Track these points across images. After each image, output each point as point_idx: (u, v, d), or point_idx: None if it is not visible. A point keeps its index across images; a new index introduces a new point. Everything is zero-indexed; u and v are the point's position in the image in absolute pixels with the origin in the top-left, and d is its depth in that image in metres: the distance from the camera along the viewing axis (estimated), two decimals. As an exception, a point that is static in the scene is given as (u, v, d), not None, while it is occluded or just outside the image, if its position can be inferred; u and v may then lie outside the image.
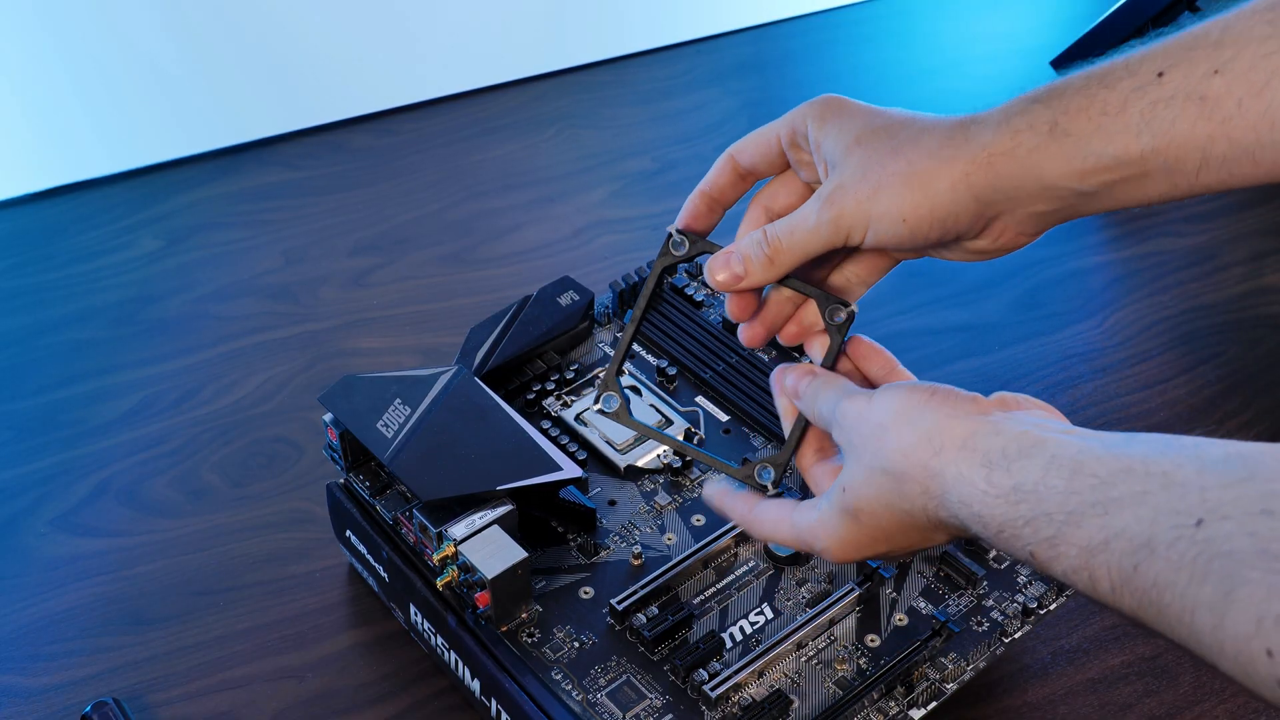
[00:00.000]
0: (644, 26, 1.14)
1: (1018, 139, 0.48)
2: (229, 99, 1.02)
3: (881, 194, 0.49)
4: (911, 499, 0.46)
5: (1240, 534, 0.35)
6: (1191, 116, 0.45)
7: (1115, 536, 0.39)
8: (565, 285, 0.73)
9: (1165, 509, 0.38)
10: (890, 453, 0.46)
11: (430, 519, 0.59)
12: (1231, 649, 0.35)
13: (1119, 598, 0.39)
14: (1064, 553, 0.41)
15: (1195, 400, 0.81)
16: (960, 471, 0.44)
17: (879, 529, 0.48)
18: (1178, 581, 0.36)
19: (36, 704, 0.64)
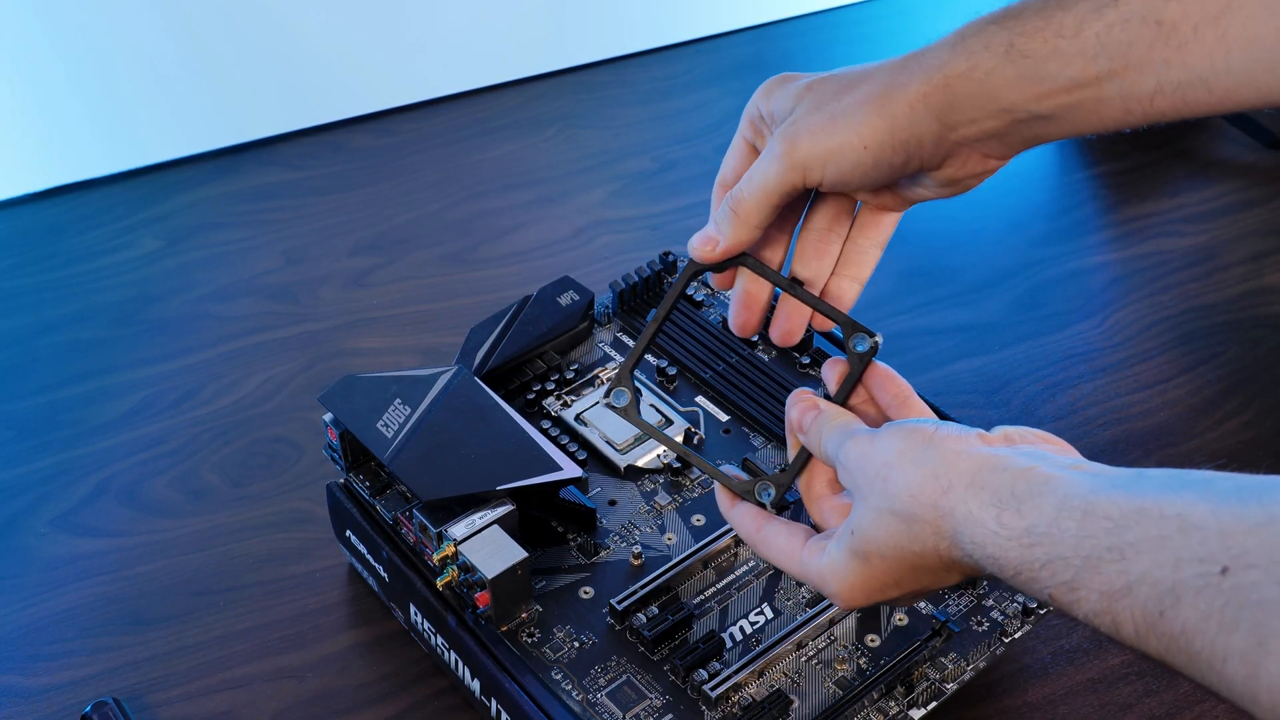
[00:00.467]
0: (644, 26, 1.14)
1: (974, 60, 0.48)
2: (229, 99, 1.02)
3: (838, 123, 0.49)
4: (923, 540, 0.45)
5: (1269, 583, 0.35)
6: (1147, 40, 0.45)
7: (1137, 582, 0.38)
8: (565, 285, 0.73)
9: (1187, 555, 0.37)
10: (898, 494, 0.45)
11: (430, 519, 0.59)
12: (1268, 700, 0.35)
13: (1144, 641, 0.38)
14: (1084, 597, 0.40)
15: (1195, 400, 0.81)
16: (970, 511, 0.43)
17: (890, 572, 0.46)
18: (1207, 630, 0.36)
19: (36, 704, 0.64)
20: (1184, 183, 1.00)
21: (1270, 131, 1.01)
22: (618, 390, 0.56)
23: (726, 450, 0.68)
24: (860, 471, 0.47)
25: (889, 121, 0.48)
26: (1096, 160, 1.02)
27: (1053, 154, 1.04)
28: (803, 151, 0.49)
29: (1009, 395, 0.81)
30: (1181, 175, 1.00)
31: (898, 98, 0.48)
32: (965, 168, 0.50)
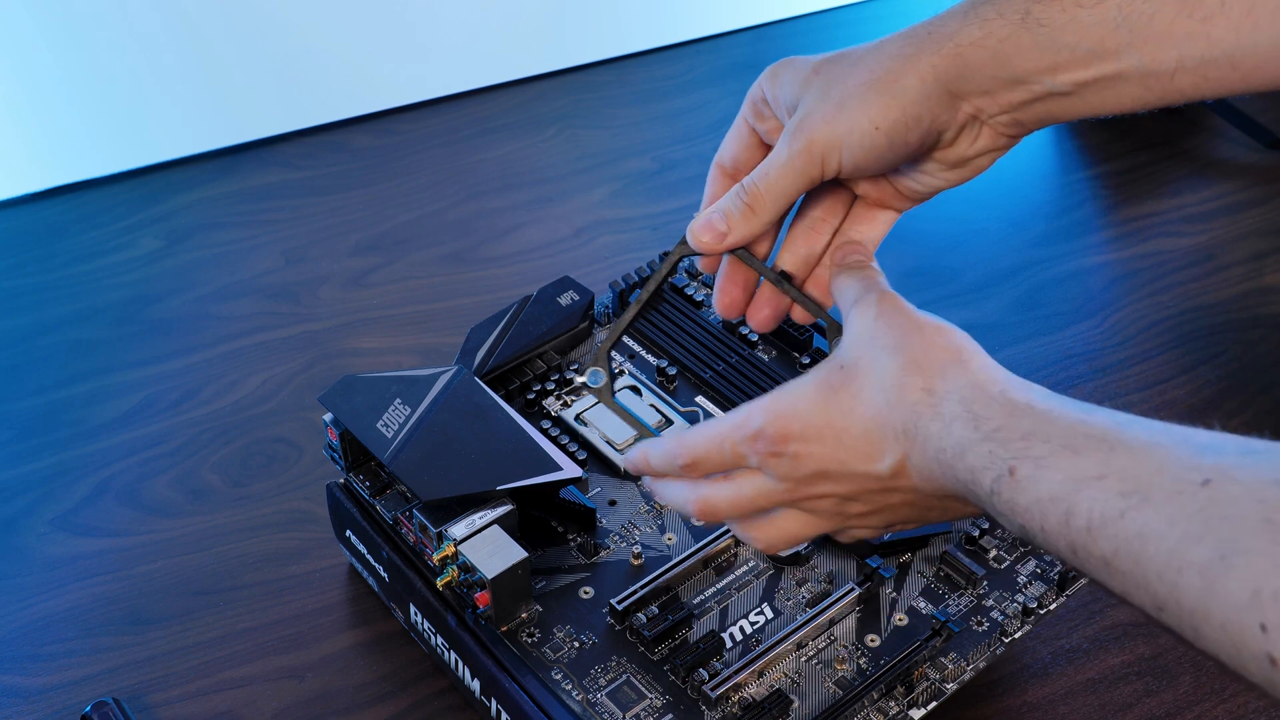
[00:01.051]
0: (644, 26, 1.14)
1: (987, 28, 0.46)
2: (229, 99, 1.02)
3: (847, 106, 0.48)
4: (907, 390, 0.44)
5: (1248, 499, 0.34)
6: (1171, 12, 0.44)
7: (1111, 474, 0.37)
8: (565, 285, 0.73)
9: (1173, 462, 0.36)
10: (915, 345, 0.44)
11: (430, 519, 0.59)
12: (1219, 617, 0.33)
13: (1092, 539, 0.37)
14: (1048, 476, 0.39)
15: (1195, 400, 0.81)
16: (975, 380, 0.43)
17: (850, 418, 0.45)
18: (1168, 535, 0.35)
19: (36, 704, 0.64)
20: (1184, 183, 1.00)
21: (1270, 131, 1.01)
22: (593, 370, 0.56)
23: (726, 450, 0.68)
24: (894, 314, 0.46)
25: (899, 99, 0.47)
26: (1096, 160, 1.02)
27: (1053, 154, 1.04)
28: (820, 146, 0.48)
29: (1009, 395, 0.81)
30: (1181, 175, 1.00)
31: (908, 72, 0.47)
32: (976, 144, 0.49)
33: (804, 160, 0.49)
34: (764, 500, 0.49)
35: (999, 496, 0.40)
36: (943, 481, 0.43)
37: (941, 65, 0.47)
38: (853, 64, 0.48)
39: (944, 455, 0.42)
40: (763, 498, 0.49)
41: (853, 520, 0.48)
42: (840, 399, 0.45)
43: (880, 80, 0.47)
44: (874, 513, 0.48)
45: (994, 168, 0.53)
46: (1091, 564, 0.38)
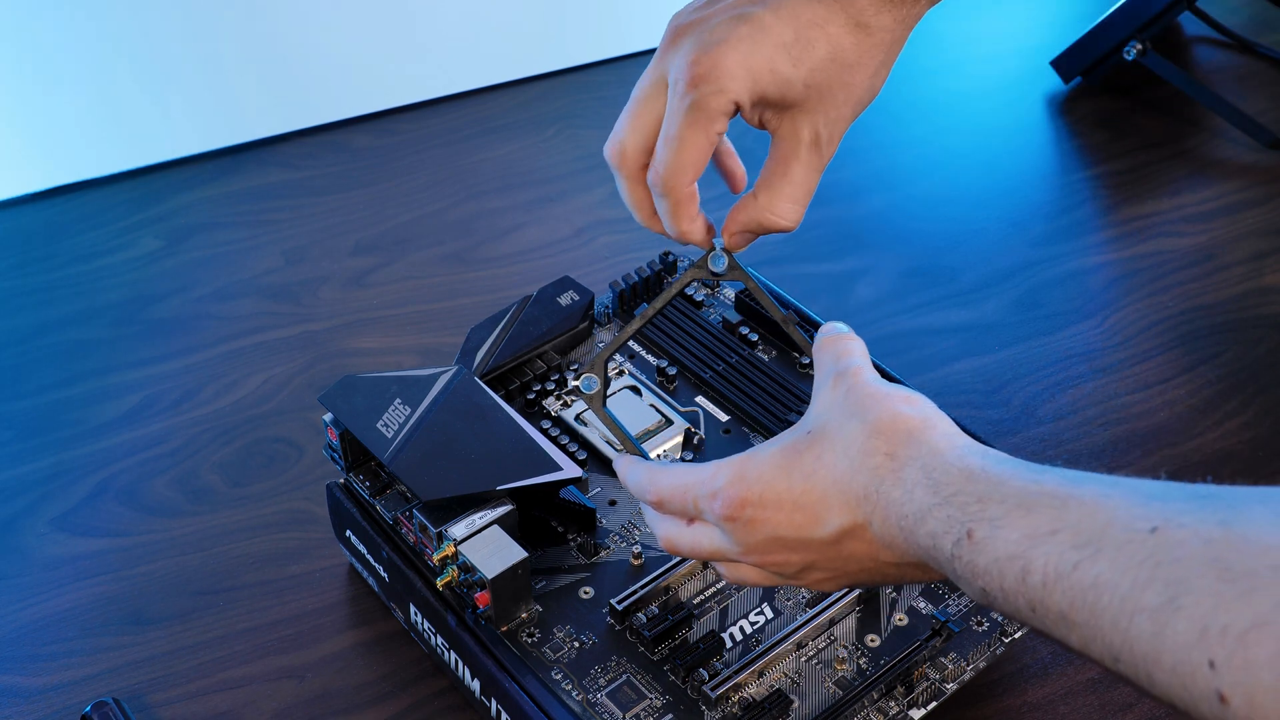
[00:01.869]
0: (644, 26, 1.14)
1: None
2: (229, 99, 1.02)
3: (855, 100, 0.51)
4: (871, 455, 0.45)
5: (1194, 541, 0.35)
6: None
7: (1064, 528, 0.38)
8: (565, 285, 0.73)
9: (1123, 512, 0.37)
10: (881, 414, 0.46)
11: (430, 519, 0.59)
12: (1170, 659, 0.34)
13: (1048, 594, 0.38)
14: (1004, 536, 0.40)
15: (1195, 400, 0.81)
16: (936, 446, 0.44)
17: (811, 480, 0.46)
18: (1120, 584, 0.36)
19: (36, 704, 0.64)
20: (1184, 183, 1.00)
21: (1270, 131, 1.01)
22: (587, 377, 0.56)
23: (726, 450, 0.68)
24: (865, 386, 0.47)
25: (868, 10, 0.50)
26: (1096, 160, 1.02)
27: (1053, 154, 1.04)
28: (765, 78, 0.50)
29: (1009, 395, 0.81)
30: (1181, 175, 1.00)
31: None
32: None
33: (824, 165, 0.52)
34: (720, 556, 0.51)
35: (959, 560, 0.42)
36: (905, 547, 0.44)
37: None
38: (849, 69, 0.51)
39: (905, 520, 0.44)
40: (719, 554, 0.50)
41: (819, 584, 0.50)
42: (803, 461, 0.47)
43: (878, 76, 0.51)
44: (833, 577, 0.49)
45: (994, 168, 0.54)
46: (1050, 620, 0.39)
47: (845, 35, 0.50)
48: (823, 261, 0.91)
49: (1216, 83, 1.09)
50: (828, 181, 0.99)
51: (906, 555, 0.45)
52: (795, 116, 0.51)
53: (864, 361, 0.50)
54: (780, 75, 0.49)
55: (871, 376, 0.49)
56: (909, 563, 0.45)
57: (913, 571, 0.47)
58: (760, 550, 0.49)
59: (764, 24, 0.49)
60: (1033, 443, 0.78)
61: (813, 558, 0.48)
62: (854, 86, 0.51)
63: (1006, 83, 1.11)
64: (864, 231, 0.95)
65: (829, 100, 0.51)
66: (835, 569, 0.48)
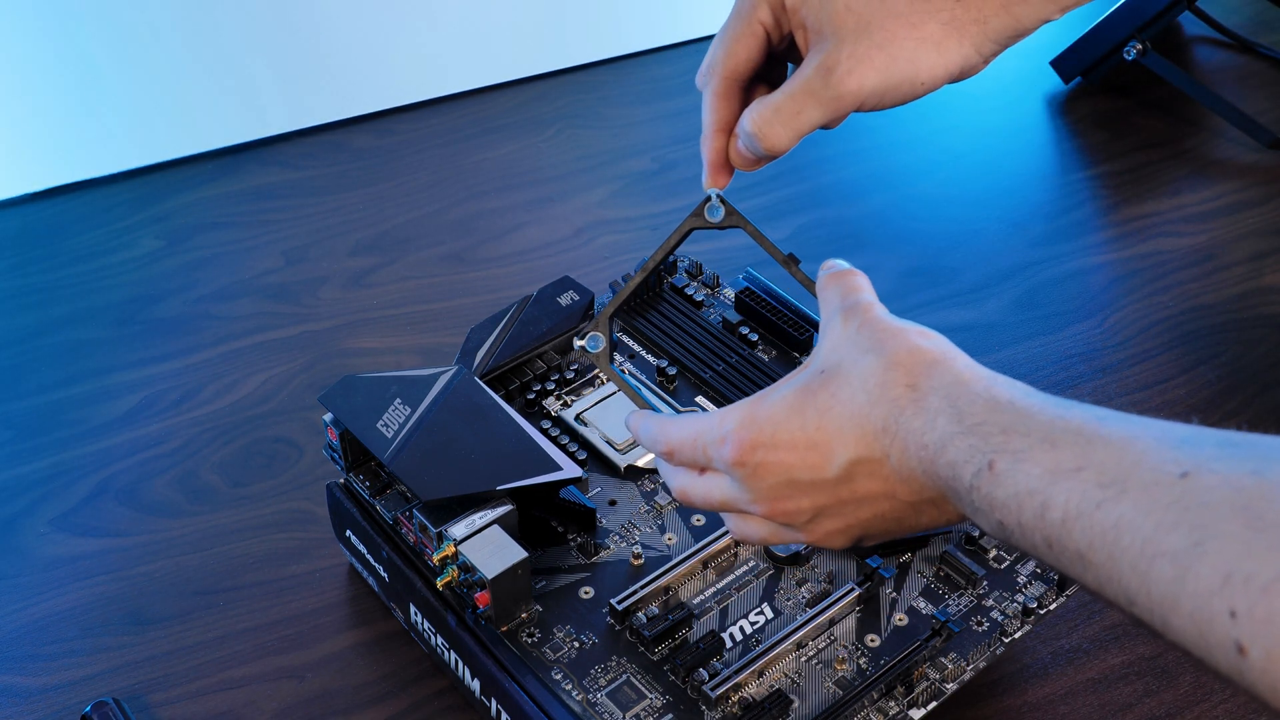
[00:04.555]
0: (644, 26, 1.14)
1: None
2: (229, 99, 1.02)
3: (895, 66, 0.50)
4: (891, 386, 0.44)
5: (1224, 487, 0.34)
6: None
7: (1089, 466, 0.37)
8: (565, 285, 0.73)
9: (1152, 454, 0.36)
10: (899, 348, 0.45)
11: (430, 519, 0.59)
12: (1189, 605, 0.33)
13: (1067, 531, 0.37)
14: (1026, 470, 0.39)
15: (1195, 400, 0.81)
16: (960, 377, 0.43)
17: (825, 416, 0.45)
18: (1143, 526, 0.35)
19: (36, 704, 0.64)
20: (1184, 183, 1.00)
21: (1270, 131, 1.01)
22: (592, 336, 0.55)
23: (726, 450, 0.68)
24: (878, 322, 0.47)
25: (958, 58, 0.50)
26: (1096, 160, 1.02)
27: (1053, 154, 1.04)
28: (858, 100, 0.50)
29: (1009, 395, 0.81)
30: (1181, 175, 1.00)
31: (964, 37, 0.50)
32: None
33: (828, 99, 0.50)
34: (731, 506, 0.49)
35: (978, 491, 0.41)
36: (923, 479, 0.43)
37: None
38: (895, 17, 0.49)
39: (925, 451, 0.42)
40: (730, 503, 0.49)
41: (829, 536, 0.48)
42: (817, 400, 0.46)
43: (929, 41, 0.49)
44: (844, 527, 0.47)
45: (994, 168, 0.54)
46: (1066, 558, 0.38)
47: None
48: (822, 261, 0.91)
49: (1216, 83, 1.09)
50: (828, 181, 1.00)
51: (924, 490, 0.44)
52: (825, 39, 0.50)
53: (872, 297, 0.49)
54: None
55: (882, 312, 0.47)
56: (925, 499, 0.44)
57: (929, 511, 0.45)
58: (770, 496, 0.47)
59: None
60: (1033, 443, 0.78)
61: (824, 501, 0.46)
62: (895, 38, 0.49)
63: (1006, 83, 1.11)
64: (864, 231, 0.95)
65: (862, 35, 0.49)
66: (847, 515, 0.47)
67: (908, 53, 0.49)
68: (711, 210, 0.54)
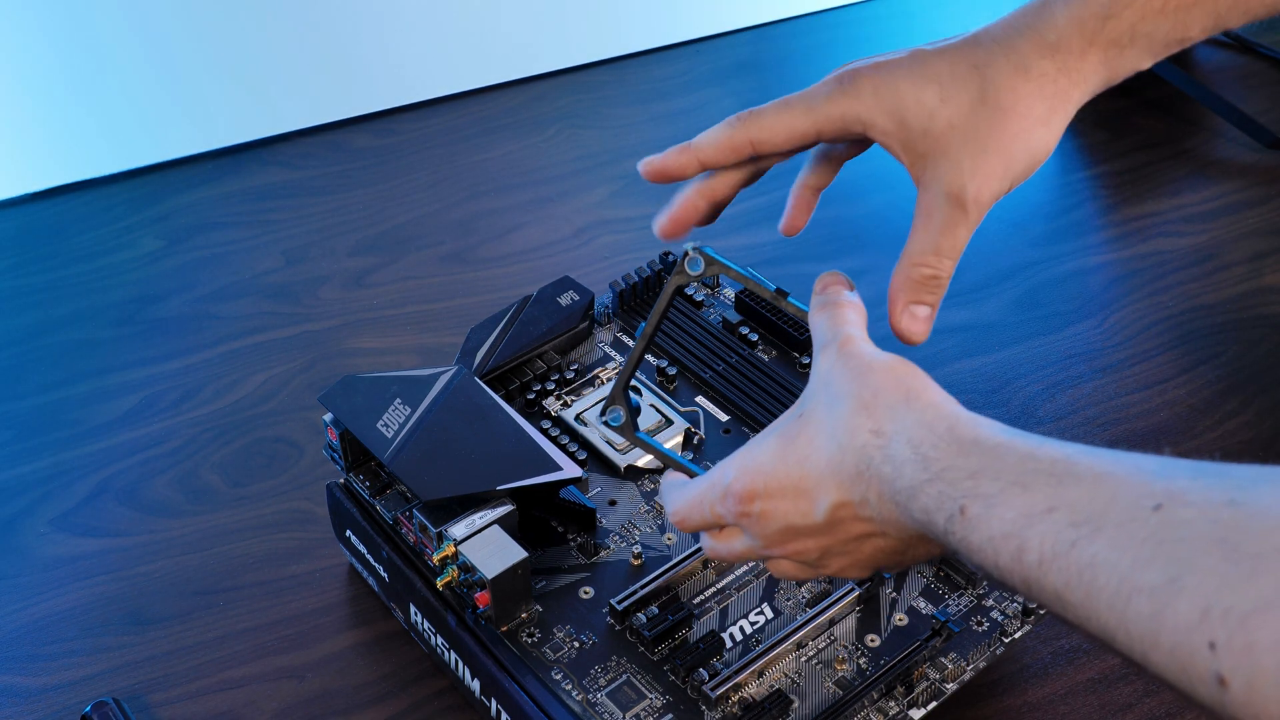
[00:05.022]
0: (644, 26, 1.14)
1: (1105, 56, 0.50)
2: (230, 99, 1.02)
3: (1013, 167, 0.50)
4: (857, 433, 0.44)
5: (1201, 520, 0.34)
6: None
7: (1061, 506, 0.37)
8: (565, 285, 0.73)
9: (1125, 489, 0.36)
10: (865, 388, 0.45)
11: (430, 519, 0.59)
12: (1169, 640, 0.33)
13: (1044, 573, 0.37)
14: (999, 515, 0.39)
15: (1195, 400, 0.81)
16: (923, 419, 0.43)
17: (805, 465, 0.46)
18: (1120, 563, 0.35)
19: (36, 704, 0.64)
20: (1184, 183, 1.00)
21: (1270, 131, 1.01)
22: (612, 411, 0.57)
23: (726, 450, 0.68)
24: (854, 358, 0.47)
25: (1065, 121, 0.51)
26: (1096, 160, 1.02)
27: (1053, 154, 1.04)
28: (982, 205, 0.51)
29: (1009, 395, 0.81)
30: (1181, 175, 1.00)
31: (1061, 109, 0.50)
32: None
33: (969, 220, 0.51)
34: (752, 555, 0.50)
35: (953, 535, 0.41)
36: (903, 522, 0.44)
37: (1094, 80, 0.50)
38: (1003, 113, 0.49)
39: (898, 497, 0.43)
40: (750, 553, 0.50)
41: (845, 570, 0.49)
42: (797, 447, 0.47)
43: (1039, 121, 0.50)
44: (853, 563, 0.48)
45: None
46: (1045, 598, 0.38)
47: (1003, 77, 0.49)
48: (823, 261, 0.91)
49: (1216, 83, 1.09)
50: (828, 181, 0.99)
51: (905, 530, 0.44)
52: (938, 163, 0.49)
53: (856, 329, 0.49)
54: (924, 105, 0.48)
55: (861, 346, 0.47)
56: (913, 536, 0.44)
57: (920, 546, 0.46)
58: (777, 541, 0.48)
59: (924, 58, 0.49)
60: (1033, 443, 0.78)
61: (824, 542, 0.47)
62: (1006, 134, 0.49)
63: (1006, 83, 1.11)
64: (864, 231, 0.95)
65: (975, 146, 0.49)
66: (850, 553, 0.47)
67: (1021, 143, 0.49)
68: (691, 264, 0.55)
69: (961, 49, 0.49)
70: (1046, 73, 0.49)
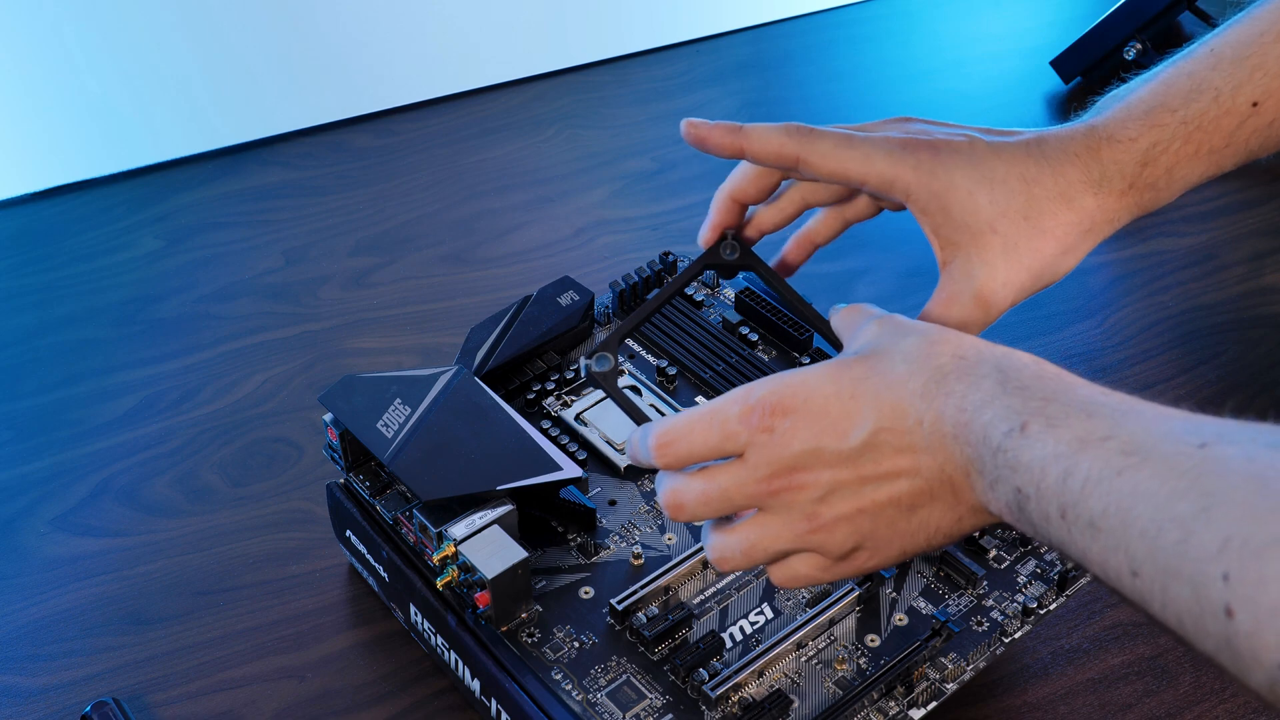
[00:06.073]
0: (644, 26, 1.14)
1: (1141, 198, 0.53)
2: (229, 99, 1.02)
3: (1041, 276, 0.54)
4: (936, 356, 0.45)
5: (1239, 458, 0.35)
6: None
7: (1116, 436, 0.39)
8: (565, 285, 0.73)
9: (1178, 428, 0.38)
10: (943, 331, 0.46)
11: (430, 519, 0.59)
12: (1189, 569, 0.34)
13: (1084, 497, 0.38)
14: (1057, 435, 0.40)
15: (1195, 400, 0.81)
16: (1008, 352, 0.45)
17: (860, 384, 0.45)
18: (1158, 493, 0.36)
19: (36, 704, 0.64)
20: (1184, 183, 1.00)
21: (1270, 131, 1.01)
22: (601, 356, 0.56)
23: (726, 450, 0.68)
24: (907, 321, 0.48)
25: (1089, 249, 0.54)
26: (1096, 160, 1.02)
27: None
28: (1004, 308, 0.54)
29: (1009, 395, 0.81)
30: (1181, 175, 1.00)
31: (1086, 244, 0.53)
32: None
33: (986, 319, 0.55)
34: (735, 492, 0.48)
35: (1004, 454, 0.41)
36: (950, 448, 0.43)
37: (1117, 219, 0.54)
38: (1042, 234, 0.52)
39: (963, 414, 0.43)
40: (735, 488, 0.48)
41: (820, 532, 0.47)
42: (853, 370, 0.46)
43: (1070, 249, 0.53)
44: (858, 512, 0.46)
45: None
46: (1078, 527, 0.39)
47: (1048, 201, 0.52)
48: (823, 261, 0.91)
49: (1216, 83, 1.09)
50: (828, 181, 0.99)
51: (946, 464, 0.44)
52: (971, 258, 0.53)
53: None
54: (974, 202, 0.52)
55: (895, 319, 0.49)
56: (944, 479, 0.44)
57: (943, 497, 0.45)
58: (786, 469, 0.46)
59: (983, 155, 0.52)
60: (1033, 443, 0.78)
61: (841, 476, 0.45)
62: (1040, 254, 0.52)
63: (1006, 83, 1.11)
64: (864, 231, 0.94)
65: (1012, 257, 0.52)
66: (860, 497, 0.46)
67: (1051, 264, 0.53)
68: (728, 250, 0.57)
69: (1017, 156, 0.52)
70: (1087, 207, 0.52)
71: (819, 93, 1.11)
